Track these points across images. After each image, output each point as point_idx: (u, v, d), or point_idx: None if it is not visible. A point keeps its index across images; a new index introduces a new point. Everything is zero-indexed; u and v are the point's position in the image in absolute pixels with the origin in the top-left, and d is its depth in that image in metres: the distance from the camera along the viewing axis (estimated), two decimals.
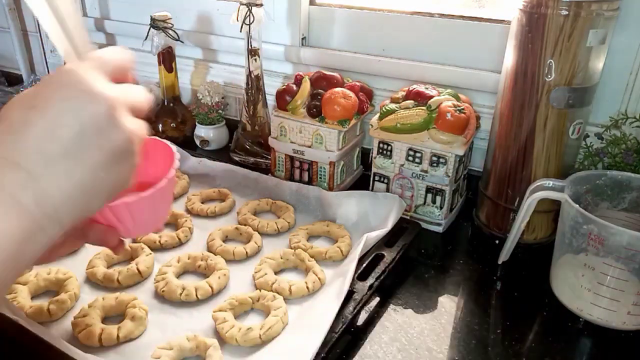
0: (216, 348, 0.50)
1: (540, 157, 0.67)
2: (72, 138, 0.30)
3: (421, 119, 0.72)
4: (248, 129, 0.92)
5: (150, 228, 0.48)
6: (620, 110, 0.73)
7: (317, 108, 0.78)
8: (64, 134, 0.30)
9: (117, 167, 0.33)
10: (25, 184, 0.29)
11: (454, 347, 0.55)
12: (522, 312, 0.61)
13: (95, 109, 0.31)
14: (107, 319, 0.56)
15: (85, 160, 0.31)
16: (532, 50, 0.62)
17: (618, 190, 0.64)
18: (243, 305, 0.57)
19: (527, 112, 0.65)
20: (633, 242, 0.53)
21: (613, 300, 0.56)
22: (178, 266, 0.63)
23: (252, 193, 0.82)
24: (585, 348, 0.57)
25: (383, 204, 0.73)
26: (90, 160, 0.31)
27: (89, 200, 0.32)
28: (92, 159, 0.31)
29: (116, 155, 0.32)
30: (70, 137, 0.30)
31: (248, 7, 0.81)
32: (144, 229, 0.47)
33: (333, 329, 0.52)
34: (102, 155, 0.31)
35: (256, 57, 0.86)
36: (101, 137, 0.31)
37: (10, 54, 1.34)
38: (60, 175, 0.30)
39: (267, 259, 0.64)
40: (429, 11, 0.86)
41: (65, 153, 0.30)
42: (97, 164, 0.31)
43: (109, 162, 0.32)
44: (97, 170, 0.31)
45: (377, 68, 0.90)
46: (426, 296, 0.63)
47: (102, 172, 0.31)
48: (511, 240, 0.65)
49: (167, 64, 0.95)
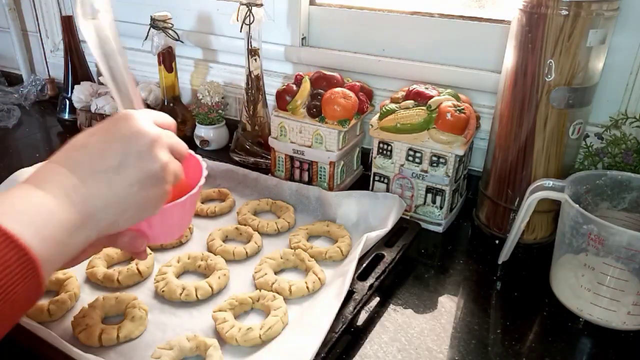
0: (216, 348, 0.50)
1: (540, 157, 0.67)
2: (116, 159, 0.39)
3: (421, 119, 0.72)
4: (248, 129, 0.92)
5: (175, 234, 0.52)
6: (620, 110, 0.73)
7: (317, 108, 0.78)
8: (111, 156, 0.39)
9: (149, 188, 0.41)
10: (77, 188, 0.37)
11: (454, 347, 0.55)
12: (522, 312, 0.61)
13: (139, 141, 0.40)
14: (107, 319, 0.56)
15: (124, 176, 0.39)
16: (532, 50, 0.62)
17: (618, 190, 0.64)
18: (243, 305, 0.57)
19: (527, 112, 0.65)
20: (633, 242, 0.53)
21: (613, 300, 0.56)
22: (178, 266, 0.63)
23: (252, 193, 0.82)
24: (585, 348, 0.57)
25: (383, 204, 0.73)
26: (128, 177, 0.39)
27: (123, 209, 0.39)
28: (130, 176, 0.39)
29: (150, 178, 0.40)
30: (116, 158, 0.39)
31: (248, 7, 0.81)
32: (169, 235, 0.51)
33: (333, 329, 0.52)
34: (138, 175, 0.40)
35: (256, 57, 0.86)
36: (140, 162, 0.40)
37: (10, 54, 1.34)
38: (103, 184, 0.38)
39: (267, 259, 0.64)
40: (429, 11, 0.86)
41: (109, 169, 0.38)
42: (133, 181, 0.39)
43: (143, 181, 0.40)
44: (133, 185, 0.39)
45: (377, 68, 0.90)
46: (426, 296, 0.63)
47: (136, 188, 0.39)
48: (511, 240, 0.65)
49: (167, 64, 0.95)
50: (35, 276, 0.33)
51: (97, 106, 1.00)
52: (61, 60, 1.10)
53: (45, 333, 0.49)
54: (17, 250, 0.32)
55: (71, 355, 0.47)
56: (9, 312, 0.32)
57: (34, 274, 0.33)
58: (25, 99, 1.23)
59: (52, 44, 1.28)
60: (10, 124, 1.11)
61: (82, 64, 1.09)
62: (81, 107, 1.03)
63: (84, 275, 0.63)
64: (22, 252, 0.32)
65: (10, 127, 1.11)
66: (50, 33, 1.27)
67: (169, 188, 0.43)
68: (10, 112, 1.13)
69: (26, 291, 0.33)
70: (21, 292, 0.32)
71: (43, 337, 0.49)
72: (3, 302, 0.31)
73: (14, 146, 1.04)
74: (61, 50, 1.15)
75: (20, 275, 0.32)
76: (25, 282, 0.32)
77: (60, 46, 1.24)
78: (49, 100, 1.26)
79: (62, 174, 0.37)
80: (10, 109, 1.14)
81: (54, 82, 1.28)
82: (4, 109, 1.13)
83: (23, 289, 0.32)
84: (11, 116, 1.12)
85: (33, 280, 0.33)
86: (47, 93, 1.27)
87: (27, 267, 0.32)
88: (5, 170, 0.74)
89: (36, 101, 1.25)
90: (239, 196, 0.81)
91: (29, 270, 0.32)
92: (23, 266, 0.32)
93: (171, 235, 0.51)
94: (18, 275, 0.32)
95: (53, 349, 0.48)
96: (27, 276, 0.32)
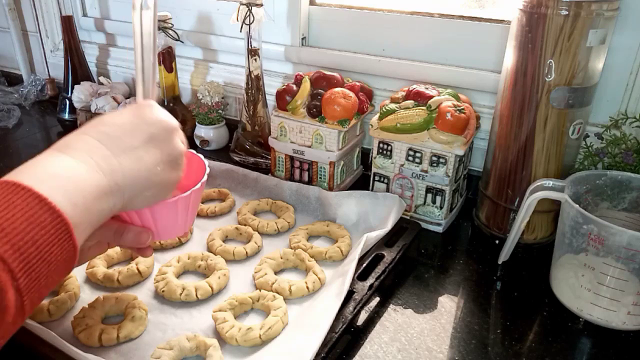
0: (216, 348, 0.50)
1: (540, 157, 0.67)
2: (145, 139, 0.41)
3: (421, 119, 0.72)
4: (248, 129, 0.92)
5: (179, 230, 0.52)
6: (620, 110, 0.73)
7: (317, 108, 0.78)
8: (140, 135, 0.41)
9: (169, 170, 0.43)
10: (106, 157, 0.39)
11: (454, 347, 0.55)
12: (522, 312, 0.61)
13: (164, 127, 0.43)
14: (107, 319, 0.57)
15: (152, 155, 0.42)
16: (532, 50, 0.62)
17: (618, 190, 0.64)
18: (243, 305, 0.57)
19: (527, 112, 0.65)
20: (633, 242, 0.53)
21: (613, 300, 0.56)
22: (178, 266, 0.63)
23: (252, 193, 0.82)
24: (585, 348, 0.57)
25: (383, 204, 0.73)
26: (154, 156, 0.42)
27: (145, 186, 0.41)
28: (155, 155, 0.42)
29: (171, 161, 0.43)
30: (145, 137, 0.41)
31: (248, 7, 0.81)
32: (174, 231, 0.52)
33: (333, 329, 0.52)
34: (162, 155, 0.42)
35: (256, 57, 0.86)
36: (165, 145, 0.43)
37: (10, 54, 1.34)
38: (132, 158, 0.40)
39: (267, 259, 0.64)
40: (429, 11, 0.86)
41: (139, 147, 0.41)
42: (157, 160, 0.42)
43: (165, 163, 0.43)
44: (157, 164, 0.42)
45: (377, 68, 0.90)
46: (426, 296, 0.63)
47: (160, 168, 0.42)
48: (511, 240, 0.65)
49: (167, 64, 0.95)
50: (69, 239, 0.34)
51: (97, 106, 1.00)
52: (61, 60, 1.10)
53: (46, 333, 0.49)
54: (50, 212, 0.33)
55: (71, 355, 0.47)
56: (46, 271, 0.33)
57: (67, 236, 0.34)
58: (25, 99, 1.23)
59: (52, 44, 1.28)
60: (10, 124, 1.11)
61: (82, 64, 1.09)
62: (81, 107, 1.03)
63: (84, 275, 0.63)
64: (56, 214, 0.33)
65: (10, 127, 1.11)
66: (50, 33, 1.27)
67: (182, 174, 0.45)
68: (10, 112, 1.13)
69: (62, 253, 0.34)
70: (57, 253, 0.33)
71: (43, 337, 0.49)
72: (42, 262, 0.32)
73: (14, 146, 1.04)
74: (61, 50, 1.15)
75: (55, 237, 0.33)
76: (61, 243, 0.33)
77: (60, 46, 1.24)
78: (49, 100, 1.26)
79: (93, 144, 0.39)
80: (10, 109, 1.14)
81: (54, 82, 1.28)
82: (4, 109, 1.13)
83: (59, 250, 0.33)
84: (11, 116, 1.13)
85: (67, 242, 0.34)
86: (47, 93, 1.27)
87: (60, 229, 0.33)
88: (5, 170, 0.74)
89: (36, 101, 1.25)
90: (239, 196, 0.81)
91: (63, 232, 0.33)
92: (57, 228, 0.33)
93: (175, 231, 0.52)
94: (53, 236, 0.33)
95: (53, 349, 0.48)
96: (62, 238, 0.33)
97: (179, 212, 0.49)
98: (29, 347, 0.49)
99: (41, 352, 0.49)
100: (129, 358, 0.51)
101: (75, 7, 1.20)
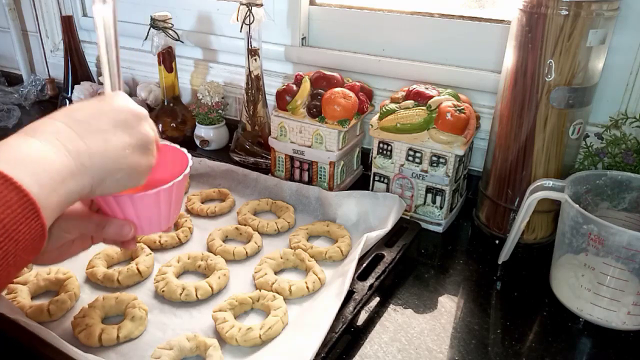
0: (216, 348, 0.50)
1: (540, 157, 0.67)
2: (113, 123, 0.42)
3: (421, 119, 0.72)
4: (248, 129, 0.92)
5: (162, 225, 0.51)
6: (620, 110, 0.73)
7: (317, 108, 0.78)
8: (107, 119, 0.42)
9: (139, 155, 0.43)
10: (73, 139, 0.39)
11: (454, 347, 0.55)
12: (522, 312, 0.61)
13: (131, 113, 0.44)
14: (107, 319, 0.56)
15: (119, 138, 0.42)
16: (532, 50, 0.62)
17: (618, 190, 0.64)
18: (243, 305, 0.57)
19: (527, 112, 0.65)
20: (633, 242, 0.53)
21: (613, 300, 0.56)
22: (178, 266, 0.63)
23: (252, 193, 0.82)
24: (585, 348, 0.57)
25: (383, 204, 0.73)
26: (121, 139, 0.42)
27: (115, 168, 0.41)
28: (123, 138, 0.42)
29: (140, 146, 0.43)
30: (112, 122, 0.42)
31: (248, 7, 0.81)
32: (157, 225, 0.51)
33: (333, 329, 0.52)
34: (131, 139, 0.42)
35: (256, 57, 0.86)
36: (133, 130, 0.43)
37: (10, 54, 1.34)
38: (99, 140, 0.40)
39: (267, 259, 0.64)
40: (429, 11, 0.86)
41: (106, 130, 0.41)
42: (125, 143, 0.42)
43: (134, 147, 0.43)
44: (125, 147, 0.42)
45: (377, 68, 0.90)
46: (426, 296, 0.63)
47: (128, 151, 0.42)
48: (511, 240, 0.65)
49: (167, 64, 0.95)
50: (37, 218, 0.34)
51: None
52: (61, 60, 1.10)
53: (45, 333, 0.49)
54: (17, 192, 0.33)
55: (71, 355, 0.47)
56: (13, 249, 0.34)
57: (35, 215, 0.34)
58: (25, 99, 1.23)
59: (52, 44, 1.28)
60: (10, 124, 1.11)
61: (82, 64, 1.09)
62: None
63: (84, 276, 0.63)
64: (22, 193, 0.34)
65: (10, 127, 1.11)
66: (50, 33, 1.27)
67: (154, 161, 0.46)
68: (10, 112, 1.13)
69: (30, 232, 0.34)
70: (25, 232, 0.34)
71: (43, 337, 0.49)
72: (8, 240, 0.33)
73: None
74: (61, 50, 1.15)
75: (22, 216, 0.33)
76: (28, 222, 0.34)
77: (60, 46, 1.24)
78: (49, 100, 1.26)
79: (60, 127, 0.39)
80: (10, 109, 1.14)
81: (54, 82, 1.28)
82: (4, 109, 1.13)
83: (26, 228, 0.34)
84: (11, 116, 1.12)
85: (35, 221, 0.34)
86: (47, 93, 1.27)
87: (27, 207, 0.34)
88: None
89: (36, 101, 1.25)
90: (239, 196, 0.81)
91: (30, 211, 0.34)
92: (24, 207, 0.34)
93: (159, 225, 0.51)
94: (20, 215, 0.33)
95: (53, 349, 0.48)
96: (29, 217, 0.34)
97: (161, 204, 0.49)
98: (29, 347, 0.49)
99: (41, 352, 0.49)
100: (129, 358, 0.51)
101: (75, 7, 1.20)
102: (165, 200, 0.49)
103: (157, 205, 0.48)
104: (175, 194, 0.50)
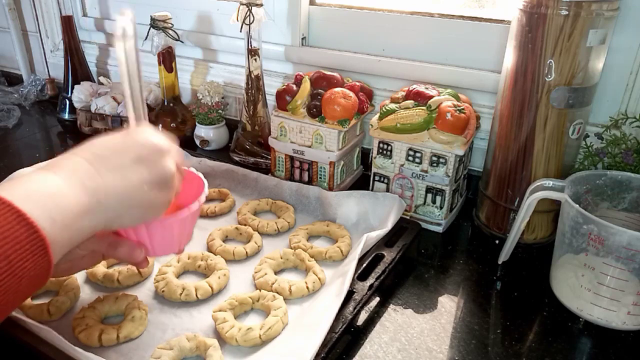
0: (216, 348, 0.50)
1: (540, 157, 0.67)
2: (133, 158, 0.42)
3: (421, 119, 0.72)
4: (248, 129, 0.92)
5: (174, 248, 0.53)
6: (620, 110, 0.73)
7: (317, 108, 0.78)
8: (128, 155, 0.42)
9: (157, 191, 0.43)
10: (91, 176, 0.39)
11: (454, 347, 0.55)
12: (522, 312, 0.61)
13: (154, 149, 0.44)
14: (107, 319, 0.57)
15: (138, 175, 0.42)
16: (532, 50, 0.62)
17: (618, 190, 0.64)
18: (243, 305, 0.57)
19: (527, 112, 0.65)
20: (633, 242, 0.53)
21: (613, 300, 0.56)
22: (178, 266, 0.63)
23: (252, 193, 0.82)
24: (585, 348, 0.57)
25: (383, 204, 0.73)
26: (140, 175, 0.42)
27: (131, 204, 0.42)
28: (142, 175, 0.42)
29: (160, 182, 0.43)
30: (133, 157, 0.42)
31: (248, 7, 0.81)
32: (168, 249, 0.53)
33: (333, 329, 0.52)
34: (150, 177, 0.42)
35: (256, 57, 0.86)
36: (153, 165, 0.43)
37: (10, 54, 1.34)
38: (117, 177, 0.41)
39: (267, 259, 0.64)
40: (429, 11, 0.86)
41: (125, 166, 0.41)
42: (144, 180, 0.42)
43: (153, 183, 0.43)
44: (143, 184, 0.42)
45: (377, 68, 0.90)
46: (426, 296, 0.63)
47: (146, 187, 0.42)
48: (511, 240, 0.65)
49: (167, 64, 0.95)
50: (45, 254, 0.34)
51: (97, 106, 1.00)
52: (61, 60, 1.10)
53: (46, 333, 0.49)
54: (27, 227, 0.33)
55: (71, 355, 0.47)
56: (17, 286, 0.33)
57: (43, 252, 0.34)
58: (25, 99, 1.23)
59: (52, 44, 1.28)
60: (10, 124, 1.11)
61: (82, 64, 1.09)
62: (81, 107, 1.03)
63: (84, 275, 0.63)
64: (32, 229, 0.34)
65: (10, 127, 1.11)
66: (50, 33, 1.27)
67: (172, 197, 0.46)
68: (10, 112, 1.13)
69: (35, 268, 0.34)
70: (30, 268, 0.34)
71: (43, 337, 0.49)
72: (12, 276, 0.33)
73: (14, 146, 1.04)
74: (61, 50, 1.15)
75: (29, 252, 0.33)
76: (35, 258, 0.34)
77: (60, 46, 1.24)
78: (49, 100, 1.26)
79: (79, 162, 0.40)
80: (10, 109, 1.14)
81: (54, 82, 1.28)
82: (4, 109, 1.13)
83: (32, 265, 0.34)
84: (11, 116, 1.13)
85: (42, 258, 0.34)
86: (47, 93, 1.27)
87: (36, 244, 0.34)
88: (6, 170, 0.74)
89: (36, 101, 1.25)
90: (239, 196, 0.81)
91: (38, 248, 0.34)
92: (32, 243, 0.33)
93: (170, 249, 0.53)
94: (28, 251, 0.33)
95: (53, 349, 0.48)
96: (36, 253, 0.34)
97: (174, 231, 0.50)
98: (29, 347, 0.49)
99: (41, 352, 0.49)
100: (129, 358, 0.51)
101: (75, 7, 1.20)
102: (178, 227, 0.50)
103: (170, 231, 0.50)
104: (189, 221, 0.51)
